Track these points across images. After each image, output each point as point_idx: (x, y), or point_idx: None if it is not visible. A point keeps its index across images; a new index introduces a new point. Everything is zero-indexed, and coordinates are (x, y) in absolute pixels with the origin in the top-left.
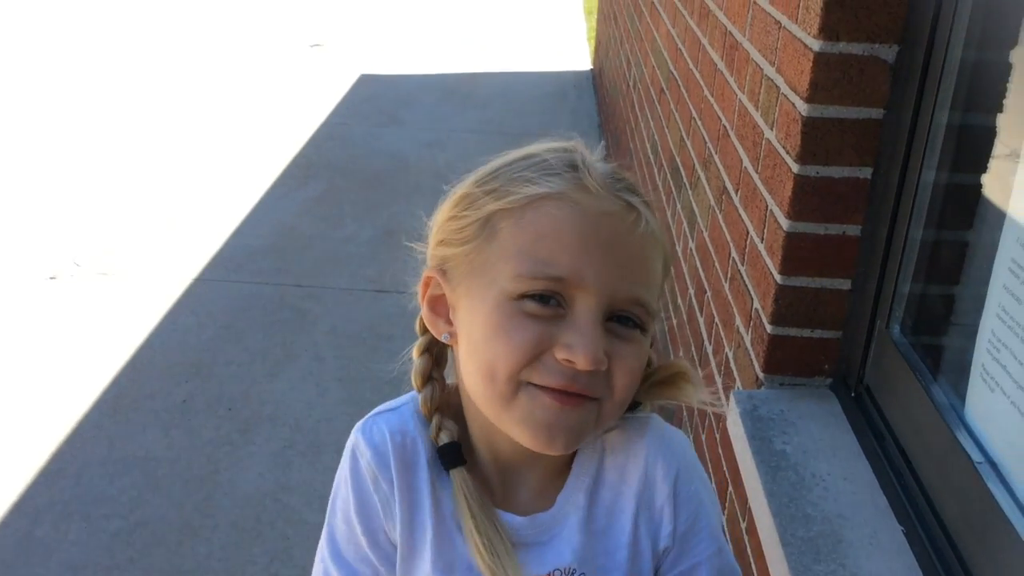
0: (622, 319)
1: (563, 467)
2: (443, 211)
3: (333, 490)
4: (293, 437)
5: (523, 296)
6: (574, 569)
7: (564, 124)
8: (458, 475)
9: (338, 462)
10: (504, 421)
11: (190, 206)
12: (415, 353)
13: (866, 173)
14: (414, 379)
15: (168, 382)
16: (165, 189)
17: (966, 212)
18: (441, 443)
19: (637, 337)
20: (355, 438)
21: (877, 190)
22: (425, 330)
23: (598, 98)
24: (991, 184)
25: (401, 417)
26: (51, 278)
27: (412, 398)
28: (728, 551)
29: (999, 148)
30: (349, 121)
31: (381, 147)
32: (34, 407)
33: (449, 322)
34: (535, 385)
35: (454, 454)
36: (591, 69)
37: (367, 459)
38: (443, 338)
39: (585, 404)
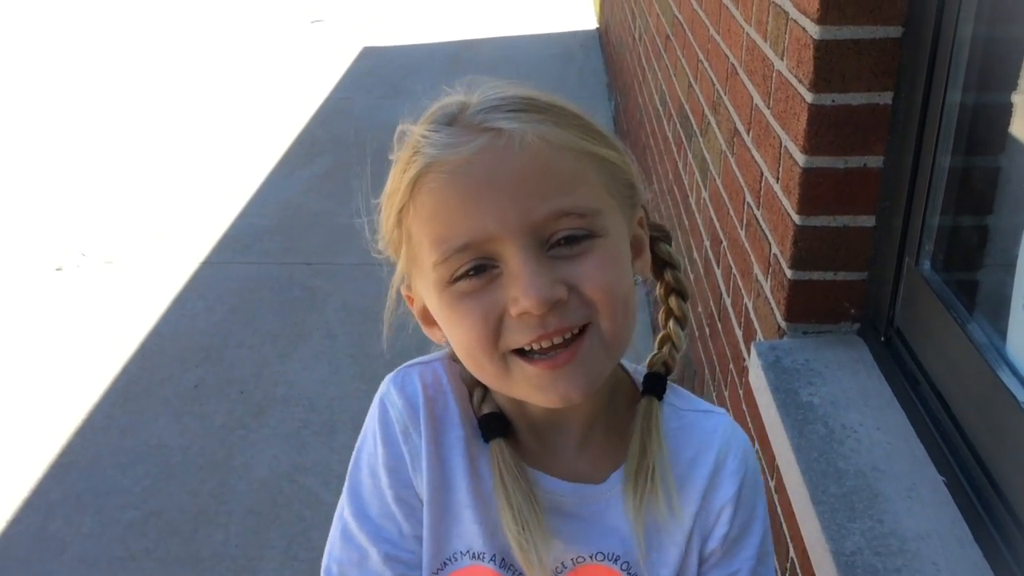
0: (566, 239)
1: (622, 438)
2: (381, 222)
3: (359, 443)
4: (307, 417)
5: (454, 279)
6: (618, 556)
7: (571, 85)
8: (496, 445)
9: (354, 440)
10: (514, 393)
11: (194, 189)
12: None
13: (886, 98)
14: (453, 355)
15: (179, 368)
16: (169, 174)
17: (997, 135)
18: (484, 412)
19: (589, 246)
20: (386, 387)
21: (899, 116)
22: None
23: (605, 56)
24: (1023, 103)
25: (434, 371)
26: (57, 269)
27: (445, 354)
28: (771, 562)
29: None
30: (353, 95)
31: (386, 119)
32: (44, 400)
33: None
34: (519, 355)
35: (497, 424)
36: (597, 28)
37: (398, 409)
38: (444, 345)
39: (578, 346)
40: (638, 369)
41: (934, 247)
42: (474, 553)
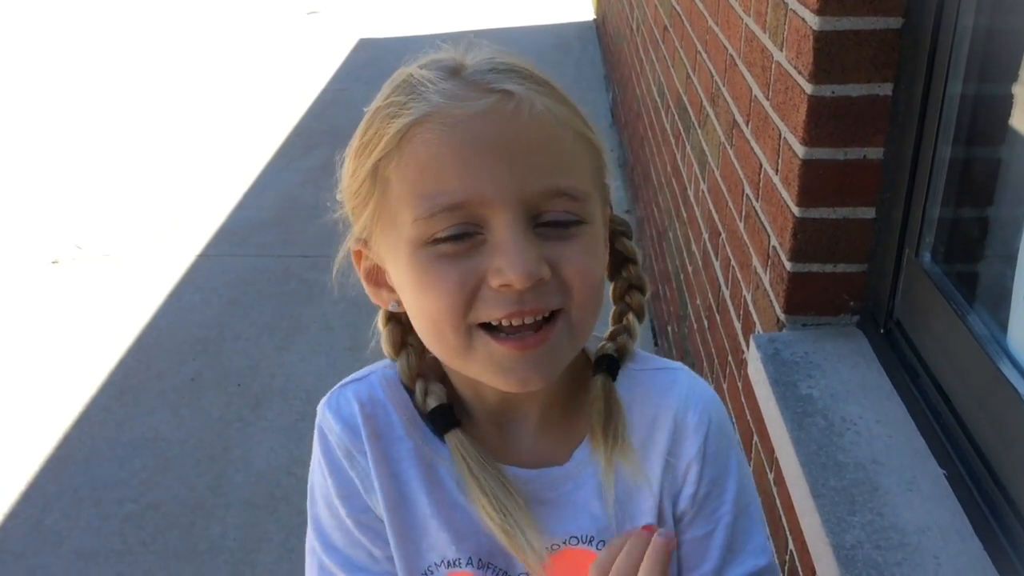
0: (554, 221)
1: (578, 418)
2: (343, 176)
3: (309, 478)
4: (304, 410)
5: (434, 240)
6: (592, 537)
7: (569, 76)
8: (453, 437)
9: None
10: (471, 371)
11: (191, 182)
12: (380, 324)
13: (886, 89)
14: (386, 350)
15: (175, 361)
16: (165, 167)
17: (998, 126)
18: (430, 408)
19: (577, 231)
20: (321, 414)
21: (899, 108)
22: None
23: (602, 47)
24: None
25: (369, 386)
26: (53, 262)
27: (382, 365)
28: (755, 512)
29: None
30: (349, 87)
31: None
32: (40, 393)
33: (391, 289)
34: (486, 330)
35: (446, 417)
36: (594, 19)
37: (336, 434)
38: (391, 307)
39: (548, 332)
40: (591, 342)
41: (934, 239)
42: (448, 561)
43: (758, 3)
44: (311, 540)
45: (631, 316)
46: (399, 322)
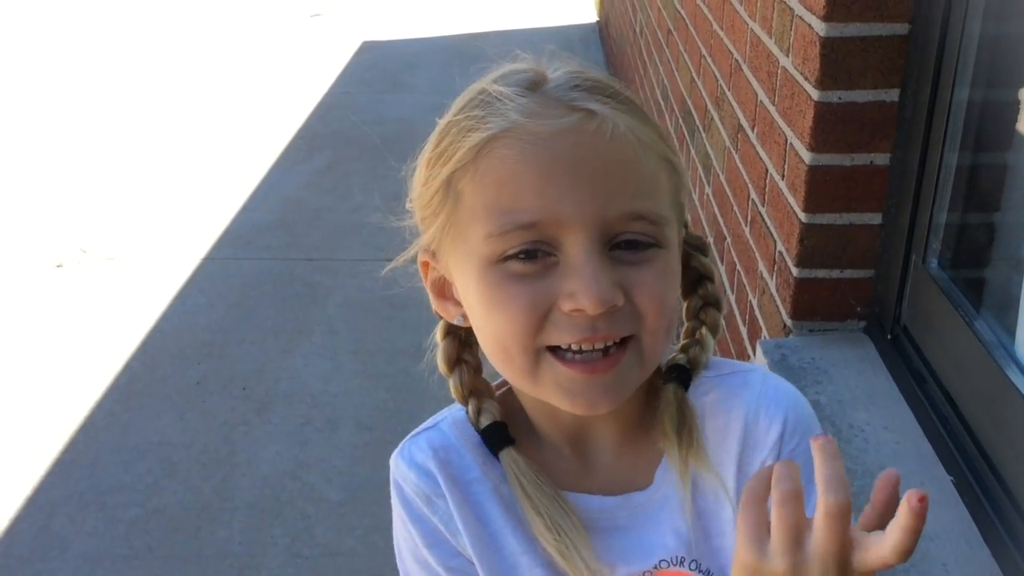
0: (629, 243)
1: (657, 435)
2: (414, 185)
3: (394, 539)
4: (310, 413)
5: (505, 258)
6: (683, 557)
7: None
8: (507, 456)
9: (357, 436)
10: (539, 393)
11: (195, 185)
12: (438, 336)
13: (893, 96)
14: (440, 365)
15: (181, 365)
16: (169, 170)
17: (1004, 132)
18: (483, 425)
19: (653, 256)
20: (394, 466)
21: (906, 113)
22: None
23: (605, 50)
24: None
25: (440, 433)
26: (58, 266)
27: (450, 411)
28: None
29: None
30: (353, 89)
31: (387, 114)
32: (45, 398)
33: (457, 303)
34: (553, 353)
35: (499, 434)
36: (597, 21)
37: (412, 483)
38: (457, 321)
39: (617, 358)
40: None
41: (941, 245)
42: None
43: (764, 8)
44: None
45: (704, 331)
46: (457, 337)
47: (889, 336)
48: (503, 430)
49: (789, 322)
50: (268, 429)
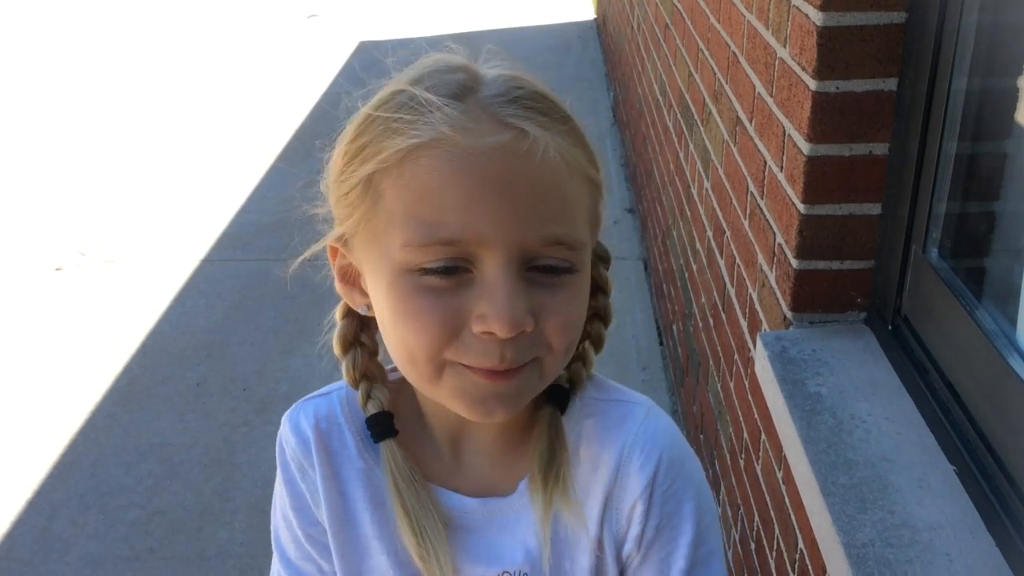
0: (545, 267)
1: (528, 448)
2: (330, 170)
3: (274, 492)
4: None
5: (421, 270)
6: (526, 573)
7: (570, 76)
8: (386, 448)
9: None
10: (437, 396)
11: (193, 187)
12: (338, 316)
13: (891, 85)
14: (335, 345)
15: (181, 366)
16: (167, 172)
17: (1004, 121)
18: (369, 413)
19: (567, 282)
20: (282, 426)
21: (904, 103)
22: None
23: (604, 46)
24: None
25: (329, 402)
26: (57, 269)
27: (346, 384)
28: (716, 565)
29: None
30: (350, 89)
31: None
32: (46, 400)
33: (364, 292)
34: (462, 364)
35: (383, 425)
36: (595, 18)
37: (292, 447)
38: (361, 310)
39: (517, 374)
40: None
41: (941, 234)
42: None
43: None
44: (273, 556)
45: (587, 344)
46: (356, 317)
47: (890, 327)
48: (388, 420)
49: (789, 314)
50: (269, 430)
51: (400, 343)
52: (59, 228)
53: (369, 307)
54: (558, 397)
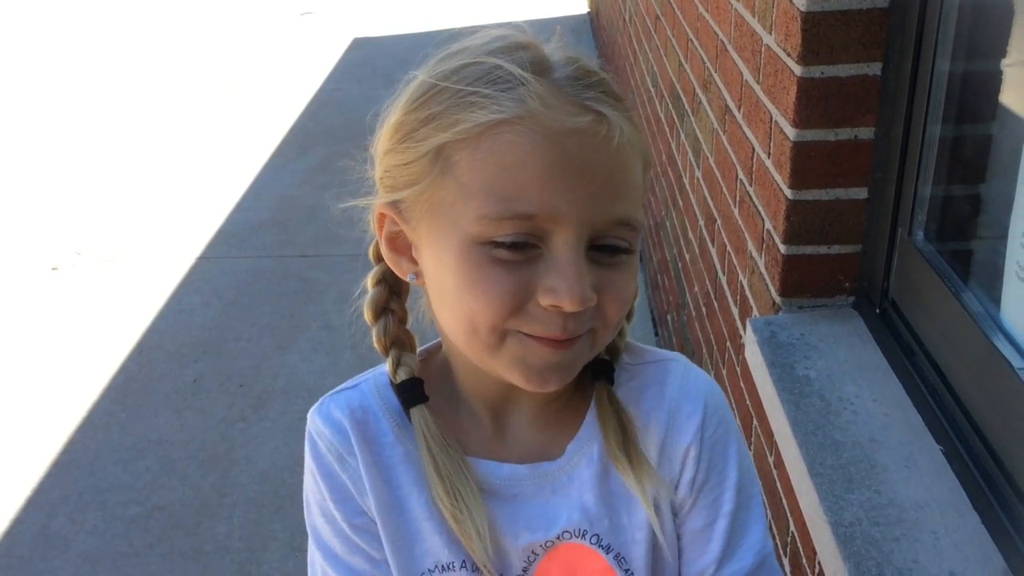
0: (608, 247)
1: (575, 413)
2: (381, 141)
3: (304, 494)
4: (307, 408)
5: (493, 242)
6: (585, 530)
7: None
8: (417, 414)
9: None
10: (492, 367)
11: (188, 185)
12: (369, 283)
13: (875, 69)
14: (366, 312)
15: (177, 363)
16: (162, 170)
17: (987, 103)
18: (399, 380)
19: (625, 261)
20: (311, 421)
21: (889, 87)
22: (380, 258)
23: (597, 40)
24: (1013, 71)
25: (360, 393)
26: (53, 268)
27: (373, 374)
28: (756, 507)
29: (1021, 31)
30: (344, 86)
31: (379, 110)
32: (44, 399)
33: (413, 260)
34: (523, 332)
35: (414, 392)
36: (588, 12)
37: (327, 439)
38: (409, 279)
39: (573, 344)
40: None
41: (927, 217)
42: (443, 565)
43: None
44: (312, 551)
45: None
46: (387, 285)
47: (877, 310)
48: (418, 386)
49: (778, 299)
50: (266, 425)
51: (463, 312)
52: (55, 228)
53: (417, 275)
54: (602, 369)
